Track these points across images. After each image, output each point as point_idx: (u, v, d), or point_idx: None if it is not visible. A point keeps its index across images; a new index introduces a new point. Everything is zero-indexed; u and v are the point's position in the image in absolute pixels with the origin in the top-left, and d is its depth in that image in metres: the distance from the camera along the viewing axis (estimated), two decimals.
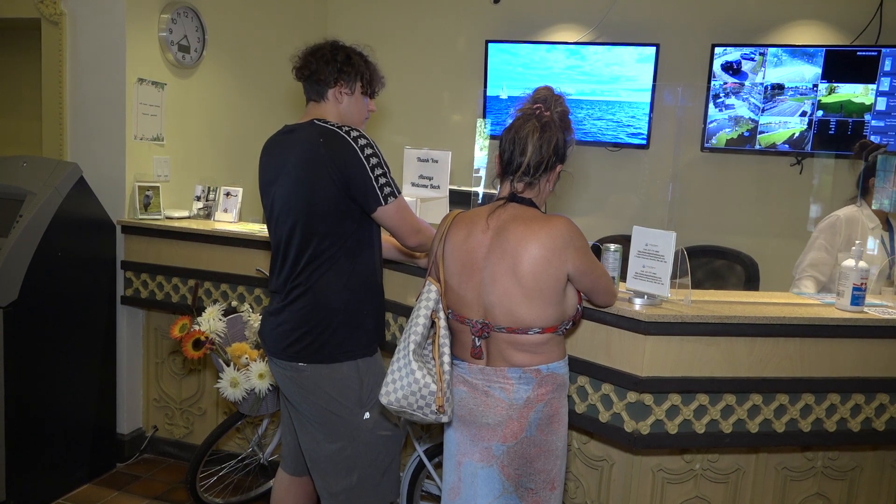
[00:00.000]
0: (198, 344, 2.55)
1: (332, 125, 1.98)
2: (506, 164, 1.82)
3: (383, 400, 1.77)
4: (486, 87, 4.44)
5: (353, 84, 2.09)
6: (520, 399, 1.78)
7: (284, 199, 2.01)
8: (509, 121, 1.86)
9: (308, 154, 1.95)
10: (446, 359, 1.77)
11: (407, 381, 1.73)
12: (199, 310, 2.67)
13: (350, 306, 2.02)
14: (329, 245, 1.97)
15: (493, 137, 4.41)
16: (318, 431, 2.05)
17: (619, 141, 4.27)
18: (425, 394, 1.72)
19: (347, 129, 1.97)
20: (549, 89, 1.86)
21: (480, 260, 1.77)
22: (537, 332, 1.76)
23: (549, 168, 1.81)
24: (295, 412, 2.12)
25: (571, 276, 1.78)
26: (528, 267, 1.71)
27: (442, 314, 1.80)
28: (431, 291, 1.81)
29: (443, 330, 1.79)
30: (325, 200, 1.93)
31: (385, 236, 2.20)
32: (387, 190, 1.97)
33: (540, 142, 1.77)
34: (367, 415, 2.05)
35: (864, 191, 2.88)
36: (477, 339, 1.80)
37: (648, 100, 4.16)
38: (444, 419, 1.75)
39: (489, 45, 4.38)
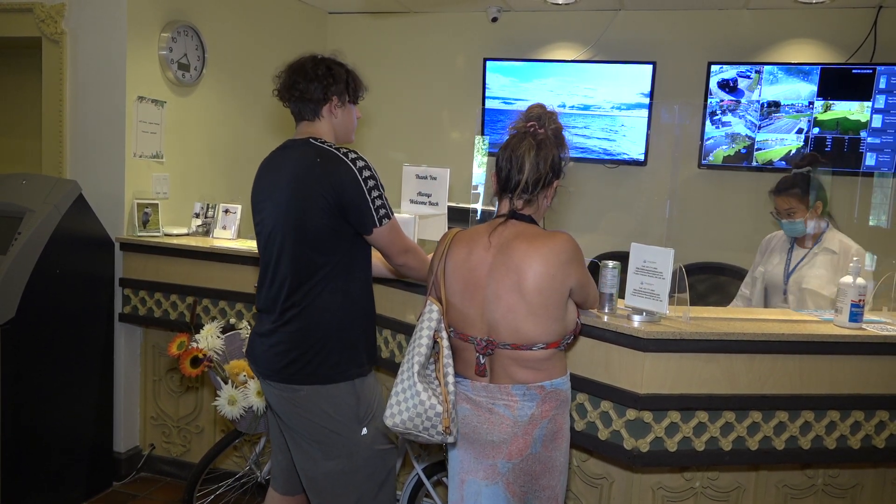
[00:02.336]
0: (196, 361, 2.54)
1: (330, 146, 1.98)
2: (503, 181, 1.84)
3: (388, 422, 1.75)
4: (484, 104, 4.46)
5: (343, 96, 2.09)
6: (524, 416, 1.78)
7: (276, 217, 2.00)
8: (504, 138, 1.89)
9: (302, 173, 1.95)
10: (450, 379, 1.76)
11: (412, 402, 1.72)
12: (198, 327, 2.67)
13: (345, 326, 2.01)
14: (323, 265, 1.96)
15: (491, 154, 4.43)
16: (315, 450, 2.04)
17: (616, 158, 4.29)
18: (431, 415, 1.71)
19: (345, 151, 1.97)
20: (542, 107, 1.89)
21: (483, 277, 1.78)
22: (541, 348, 1.76)
23: (547, 184, 1.83)
24: (289, 431, 2.10)
25: (573, 290, 1.80)
26: (533, 283, 1.73)
27: (444, 334, 1.80)
28: (433, 311, 1.80)
29: (446, 350, 1.78)
30: (317, 221, 1.93)
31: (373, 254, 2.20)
32: (382, 212, 1.97)
33: (537, 159, 1.79)
34: (364, 430, 2.04)
35: None
36: (481, 356, 1.80)
37: (646, 117, 4.18)
38: (450, 440, 1.74)
39: (487, 62, 4.41)
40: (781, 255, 2.94)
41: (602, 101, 4.25)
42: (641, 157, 4.23)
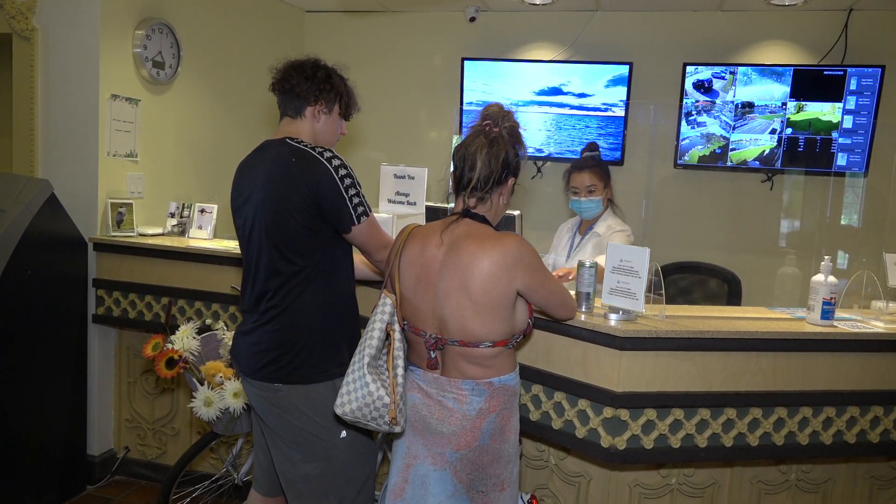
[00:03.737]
0: (171, 363, 2.51)
1: (305, 145, 1.97)
2: (458, 179, 1.87)
3: (338, 411, 1.80)
4: (462, 104, 4.47)
5: (332, 104, 2.09)
6: (473, 410, 1.81)
7: (254, 218, 1.99)
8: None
9: (279, 173, 1.94)
10: (400, 371, 1.81)
11: (361, 392, 1.77)
12: (173, 328, 2.64)
13: (325, 326, 2.01)
14: (303, 265, 1.96)
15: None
16: (294, 452, 2.03)
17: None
18: (378, 405, 1.76)
19: (321, 149, 1.96)
20: (499, 106, 1.90)
21: (434, 274, 1.81)
22: (489, 346, 1.79)
23: (500, 182, 1.84)
24: (269, 432, 2.09)
25: (522, 293, 1.81)
26: (479, 283, 1.74)
27: (397, 326, 1.84)
28: (387, 304, 1.84)
29: (397, 342, 1.82)
30: (294, 220, 1.92)
31: (355, 256, 2.19)
32: (360, 209, 1.97)
33: (488, 157, 1.81)
34: (343, 433, 2.03)
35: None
36: (431, 351, 1.83)
37: (622, 117, 4.22)
38: (397, 429, 1.79)
39: (465, 62, 4.41)
40: (566, 243, 3.03)
41: (579, 100, 4.27)
42: (618, 157, 4.26)
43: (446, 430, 1.82)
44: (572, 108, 4.29)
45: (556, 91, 4.30)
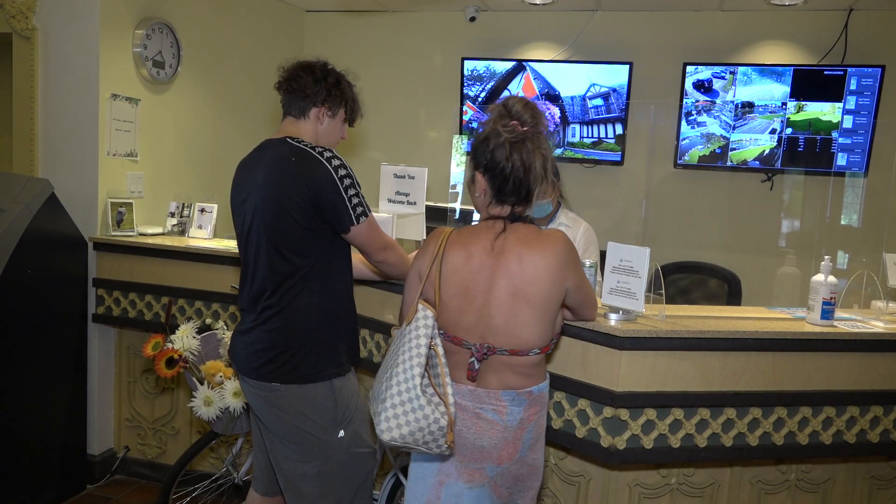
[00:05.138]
0: (171, 362, 2.51)
1: (306, 145, 1.97)
2: (511, 189, 1.75)
3: (385, 437, 1.67)
4: (461, 103, 4.47)
5: (338, 108, 2.09)
6: (514, 421, 1.75)
7: (253, 217, 1.99)
8: (481, 131, 1.80)
9: (278, 173, 1.94)
10: (451, 389, 1.71)
11: (415, 416, 1.65)
12: (173, 328, 2.64)
13: (323, 326, 2.00)
14: (301, 265, 1.96)
15: (469, 154, 4.44)
16: (292, 451, 2.03)
17: (593, 157, 4.31)
18: (434, 429, 1.66)
19: (321, 149, 1.96)
20: (524, 102, 1.80)
21: (485, 282, 1.72)
22: (536, 353, 1.75)
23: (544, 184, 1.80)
24: (267, 431, 2.09)
25: (568, 292, 1.78)
26: (537, 287, 1.70)
27: (438, 340, 1.74)
28: (428, 318, 1.72)
29: (443, 358, 1.73)
30: (293, 220, 1.92)
31: (354, 255, 2.19)
32: (359, 210, 1.97)
33: (544, 164, 1.74)
34: (341, 433, 2.03)
35: None
36: (476, 361, 1.74)
37: (622, 117, 4.21)
38: (448, 452, 1.71)
39: (465, 62, 4.41)
40: None
41: (579, 100, 4.27)
42: (618, 157, 4.26)
43: (486, 443, 1.75)
44: (571, 106, 4.29)
45: (554, 88, 4.30)
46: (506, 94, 4.38)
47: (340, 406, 2.03)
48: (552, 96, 4.30)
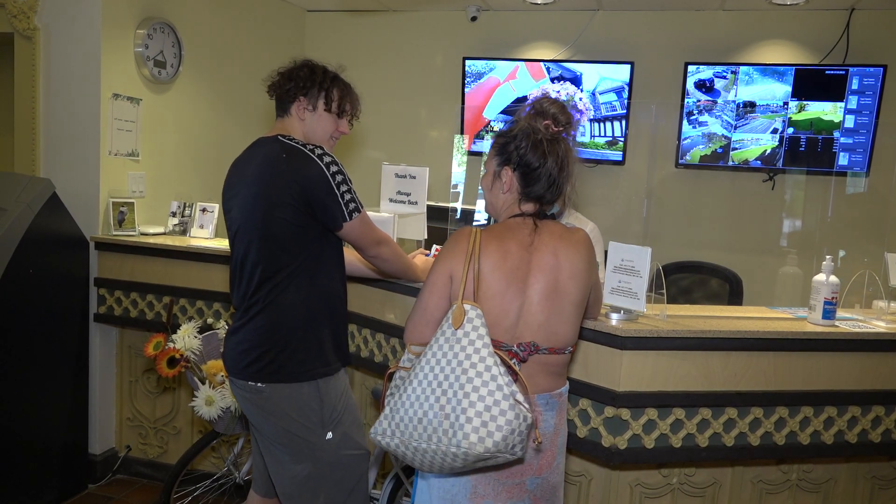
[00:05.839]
0: (172, 362, 2.51)
1: (297, 143, 1.97)
2: (545, 187, 1.75)
3: (478, 448, 1.49)
4: (463, 103, 4.46)
5: (315, 101, 2.06)
6: (549, 427, 1.71)
7: (243, 214, 1.99)
8: (508, 128, 1.80)
9: (268, 170, 1.94)
10: (517, 387, 1.58)
11: (506, 419, 1.50)
12: (174, 327, 2.64)
13: (310, 324, 1.98)
14: (288, 262, 1.94)
15: (471, 154, 4.44)
16: (282, 453, 2.02)
17: (595, 157, 4.31)
18: (523, 429, 1.52)
19: (312, 147, 1.95)
20: (553, 101, 1.80)
21: (524, 280, 1.68)
22: (569, 351, 1.74)
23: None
24: (258, 433, 2.08)
25: (592, 288, 1.79)
26: (574, 283, 1.70)
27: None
28: (481, 316, 1.60)
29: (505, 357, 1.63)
30: (283, 217, 1.91)
31: (349, 253, 2.18)
32: (352, 206, 1.96)
33: (572, 166, 1.77)
34: (329, 435, 2.01)
35: None
36: (519, 363, 1.66)
37: (624, 116, 4.21)
38: (525, 453, 1.60)
39: (466, 61, 4.41)
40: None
41: (580, 99, 4.26)
42: (620, 157, 4.25)
43: (525, 454, 1.63)
44: (572, 105, 4.28)
45: (554, 89, 4.29)
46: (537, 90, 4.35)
47: (327, 407, 2.01)
48: (573, 79, 4.26)
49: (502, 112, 4.40)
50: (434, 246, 2.64)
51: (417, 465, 1.62)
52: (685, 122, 4.13)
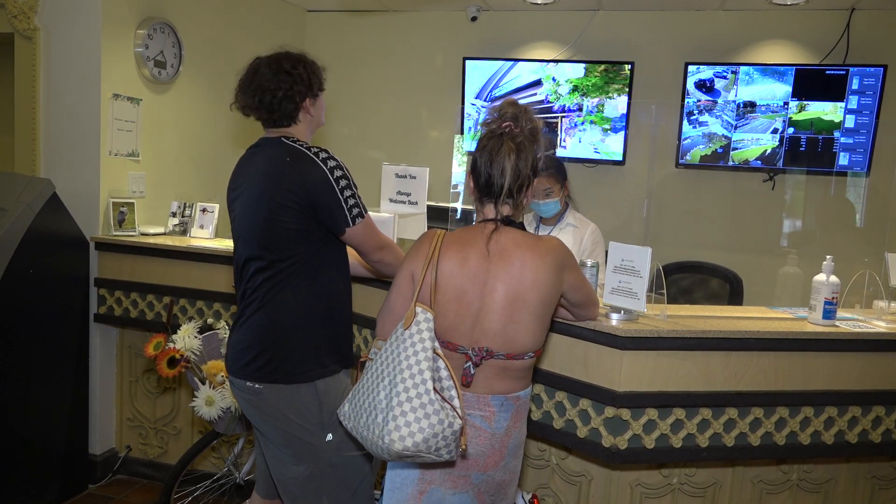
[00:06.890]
0: (173, 362, 2.51)
1: (301, 145, 1.96)
2: (484, 187, 1.76)
3: (396, 447, 1.57)
4: (463, 103, 4.46)
5: (313, 91, 2.06)
6: (501, 428, 1.75)
7: (245, 215, 1.99)
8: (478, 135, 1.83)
9: (272, 172, 1.93)
10: (455, 392, 1.65)
11: (429, 421, 1.56)
12: (175, 327, 2.64)
13: (308, 325, 1.98)
14: (289, 264, 1.94)
15: (471, 153, 4.44)
16: (283, 454, 2.02)
17: (595, 157, 4.31)
18: (448, 434, 1.58)
19: (316, 150, 1.95)
20: (515, 104, 1.81)
21: (482, 286, 1.70)
22: (530, 357, 1.75)
23: (528, 185, 1.79)
24: (259, 434, 2.09)
25: (565, 293, 1.80)
26: (537, 292, 1.70)
27: (437, 344, 1.68)
28: (429, 320, 1.65)
29: (447, 361, 1.67)
30: (285, 219, 1.91)
31: (348, 253, 2.19)
32: (355, 211, 1.96)
33: (517, 163, 1.72)
34: (329, 436, 2.01)
35: None
36: (472, 366, 1.71)
37: (624, 116, 4.21)
38: (456, 457, 1.66)
39: (466, 61, 4.41)
40: (532, 231, 3.03)
41: (581, 99, 4.27)
42: (620, 157, 4.25)
43: (473, 450, 1.72)
44: (573, 106, 4.29)
45: (556, 89, 4.30)
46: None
47: (326, 409, 2.00)
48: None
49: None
50: None
51: (368, 449, 1.69)
52: (685, 122, 4.12)
